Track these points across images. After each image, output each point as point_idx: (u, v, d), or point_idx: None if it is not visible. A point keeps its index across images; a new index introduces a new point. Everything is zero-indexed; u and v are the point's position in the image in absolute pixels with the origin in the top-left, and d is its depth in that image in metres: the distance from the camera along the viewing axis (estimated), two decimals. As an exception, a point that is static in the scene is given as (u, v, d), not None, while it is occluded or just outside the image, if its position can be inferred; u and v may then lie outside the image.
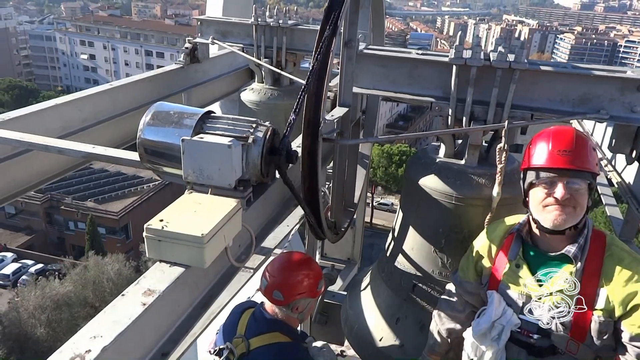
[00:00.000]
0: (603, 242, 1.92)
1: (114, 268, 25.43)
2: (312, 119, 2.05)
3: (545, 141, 1.91)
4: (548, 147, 1.88)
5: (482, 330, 2.04)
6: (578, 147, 1.85)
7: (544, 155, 1.89)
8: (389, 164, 35.49)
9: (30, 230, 36.92)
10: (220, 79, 4.57)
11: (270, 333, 2.20)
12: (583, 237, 1.90)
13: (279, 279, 2.18)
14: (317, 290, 2.26)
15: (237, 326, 2.26)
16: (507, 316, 1.99)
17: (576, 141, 1.86)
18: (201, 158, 1.75)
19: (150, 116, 1.93)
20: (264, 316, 2.24)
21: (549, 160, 1.87)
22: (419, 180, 2.56)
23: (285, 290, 2.17)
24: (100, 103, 3.31)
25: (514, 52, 2.27)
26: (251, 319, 2.26)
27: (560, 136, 1.89)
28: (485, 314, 2.05)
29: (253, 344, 2.16)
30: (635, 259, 1.86)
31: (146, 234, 1.54)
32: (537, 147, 1.93)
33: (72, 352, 1.20)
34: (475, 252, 2.19)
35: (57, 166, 3.06)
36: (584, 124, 3.70)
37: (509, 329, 1.98)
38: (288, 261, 2.27)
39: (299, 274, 2.20)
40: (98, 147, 2.31)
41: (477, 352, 2.11)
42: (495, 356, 2.05)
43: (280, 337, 2.19)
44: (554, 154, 1.86)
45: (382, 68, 2.55)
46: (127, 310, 1.35)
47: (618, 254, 1.87)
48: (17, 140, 2.37)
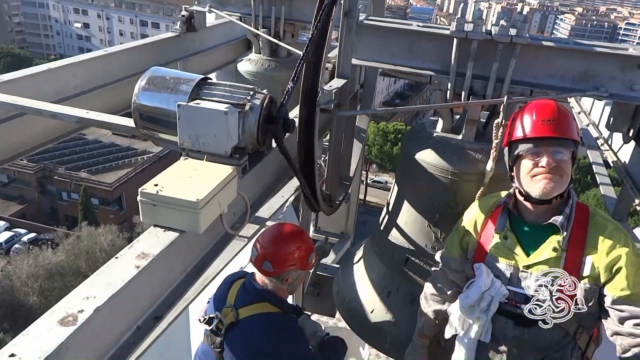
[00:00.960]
0: (586, 212, 1.96)
1: (107, 239, 25.53)
2: (310, 88, 2.03)
3: (528, 113, 1.95)
4: (532, 118, 1.93)
5: (470, 302, 2.06)
6: (560, 117, 1.90)
7: (528, 127, 1.93)
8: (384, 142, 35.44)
9: (23, 199, 36.83)
10: (216, 49, 4.49)
11: (259, 303, 2.21)
12: (569, 206, 1.94)
13: (269, 250, 2.19)
14: (307, 263, 2.27)
15: (227, 296, 2.28)
16: (496, 287, 2.01)
17: (558, 111, 1.91)
18: (197, 124, 1.73)
19: (146, 81, 1.90)
20: (253, 286, 2.26)
21: (533, 130, 1.91)
22: (416, 154, 2.55)
23: (275, 262, 2.17)
24: (94, 69, 3.25)
25: (516, 26, 2.24)
26: (241, 289, 2.28)
27: (542, 107, 1.94)
28: (474, 285, 2.07)
29: (242, 314, 2.18)
30: (617, 227, 1.91)
31: (140, 198, 1.53)
32: (520, 120, 1.97)
33: (64, 311, 1.20)
34: (462, 227, 2.21)
35: (50, 132, 3.02)
36: (582, 102, 3.69)
37: (497, 299, 2.01)
38: (279, 232, 2.27)
39: (289, 245, 2.20)
40: (92, 112, 2.28)
41: (464, 325, 2.14)
42: (483, 328, 2.08)
43: (269, 307, 2.21)
44: (538, 124, 1.90)
45: (382, 40, 2.52)
46: (121, 273, 1.34)
47: (601, 222, 1.92)
48: (9, 104, 2.33)
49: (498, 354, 2.10)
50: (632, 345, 1.78)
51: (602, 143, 3.15)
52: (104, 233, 26.01)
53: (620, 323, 1.83)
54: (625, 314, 1.81)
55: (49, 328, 1.16)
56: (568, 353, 2.03)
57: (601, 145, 3.16)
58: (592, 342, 2.09)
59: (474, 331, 2.10)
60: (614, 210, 2.96)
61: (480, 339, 2.10)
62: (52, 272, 23.84)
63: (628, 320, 1.81)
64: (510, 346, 2.06)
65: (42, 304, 22.40)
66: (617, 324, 1.83)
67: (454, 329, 2.18)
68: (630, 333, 1.79)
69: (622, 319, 1.82)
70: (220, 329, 2.16)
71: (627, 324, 1.80)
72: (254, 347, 2.14)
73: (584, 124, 3.54)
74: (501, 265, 2.02)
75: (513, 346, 2.06)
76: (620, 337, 1.83)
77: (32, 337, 1.14)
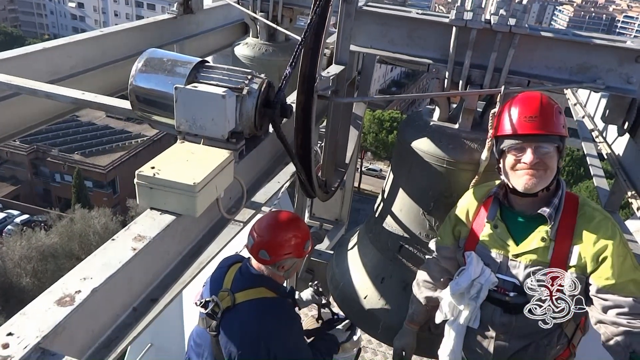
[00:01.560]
0: (576, 202, 1.99)
1: (100, 222, 25.45)
2: (308, 74, 2.02)
3: (513, 108, 1.97)
4: (515, 114, 1.95)
5: (460, 289, 2.10)
6: (544, 112, 1.90)
7: (512, 123, 1.95)
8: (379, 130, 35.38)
9: (16, 180, 36.59)
10: (214, 32, 4.45)
11: (255, 288, 2.23)
12: (557, 197, 1.96)
13: (265, 239, 2.19)
14: (304, 251, 2.28)
15: (223, 280, 2.29)
16: (486, 275, 2.05)
17: (542, 106, 1.91)
18: (194, 107, 1.72)
19: (143, 62, 1.88)
20: (250, 271, 2.27)
21: (516, 127, 1.93)
22: (412, 142, 2.56)
23: (271, 250, 2.18)
24: (90, 49, 3.22)
25: (516, 16, 2.23)
26: (237, 274, 2.29)
27: (526, 102, 1.95)
28: (464, 273, 2.10)
29: (238, 298, 2.20)
30: (605, 217, 1.94)
31: (137, 181, 1.53)
32: (505, 115, 1.99)
33: (62, 291, 1.21)
34: (454, 215, 2.24)
35: (44, 112, 3.00)
36: (578, 94, 3.70)
37: (487, 287, 2.05)
38: (276, 221, 2.27)
39: (286, 234, 2.21)
40: (88, 93, 2.26)
41: (454, 311, 2.18)
42: (472, 314, 2.12)
43: (265, 292, 2.23)
44: (521, 121, 1.92)
45: (381, 26, 2.50)
46: (118, 254, 1.35)
47: (590, 213, 1.95)
48: (3, 83, 2.31)
49: (486, 339, 2.15)
50: (614, 334, 1.82)
51: (596, 135, 3.17)
52: (98, 216, 25.92)
53: (603, 312, 1.86)
54: (609, 303, 1.84)
55: (46, 308, 1.17)
56: (554, 340, 2.08)
57: (596, 138, 3.18)
58: (579, 330, 2.13)
59: (463, 317, 2.14)
60: (607, 203, 2.99)
61: (469, 325, 2.15)
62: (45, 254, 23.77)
63: (611, 309, 1.84)
64: (498, 332, 2.10)
65: (35, 285, 22.39)
66: (600, 313, 1.87)
67: (444, 314, 2.22)
68: (613, 322, 1.82)
69: (606, 308, 1.85)
70: (217, 313, 2.18)
71: (611, 313, 1.84)
72: (250, 331, 2.16)
73: (580, 116, 3.56)
74: (491, 254, 2.06)
75: (501, 332, 2.10)
76: (604, 325, 1.86)
77: (30, 316, 1.15)
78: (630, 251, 1.91)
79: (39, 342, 1.10)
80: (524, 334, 2.07)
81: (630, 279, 1.83)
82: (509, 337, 2.10)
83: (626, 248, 1.90)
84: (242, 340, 2.15)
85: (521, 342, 2.09)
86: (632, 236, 2.79)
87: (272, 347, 2.14)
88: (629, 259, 1.87)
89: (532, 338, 2.08)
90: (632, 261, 1.88)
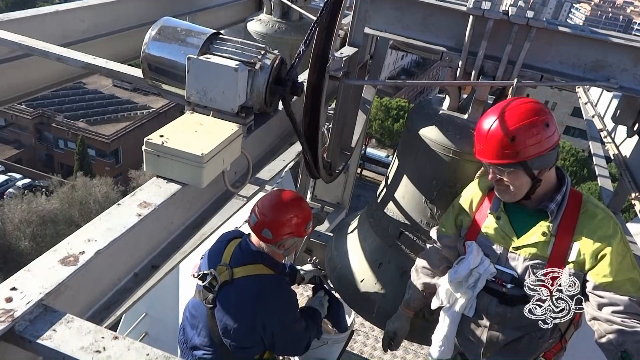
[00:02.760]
0: (579, 199, 2.00)
1: (101, 190, 25.52)
2: (321, 53, 2.00)
3: (476, 130, 2.00)
4: (475, 137, 1.99)
5: (459, 278, 2.12)
6: (489, 143, 1.91)
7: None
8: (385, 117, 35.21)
9: (19, 144, 36.61)
10: (227, 6, 4.41)
11: (254, 265, 2.25)
12: (561, 194, 1.97)
13: (269, 218, 2.20)
14: (304, 231, 2.29)
15: (222, 254, 2.30)
16: (485, 265, 2.06)
17: (488, 136, 1.90)
18: (206, 79, 1.72)
19: (157, 30, 1.88)
20: (249, 247, 2.29)
21: (475, 150, 2.00)
22: (420, 130, 2.55)
23: (274, 229, 2.19)
24: (102, 15, 3.20)
25: (534, 8, 2.21)
26: (237, 249, 2.31)
27: (480, 129, 1.96)
28: (463, 262, 2.12)
29: (236, 273, 2.22)
30: (607, 215, 1.94)
31: (145, 148, 1.53)
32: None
33: (66, 251, 1.23)
34: (458, 205, 2.25)
35: (53, 75, 2.99)
36: (590, 93, 3.68)
37: (485, 277, 2.06)
38: (280, 200, 2.28)
39: (289, 213, 2.22)
40: (99, 58, 2.25)
41: (451, 298, 2.20)
42: (468, 303, 2.14)
43: (263, 269, 2.25)
44: (476, 146, 1.98)
45: (396, 11, 2.48)
46: (122, 219, 1.36)
47: (592, 210, 1.95)
48: (16, 43, 2.30)
49: (479, 328, 2.17)
50: (608, 331, 1.83)
51: (605, 135, 3.16)
52: (99, 184, 25.98)
53: (598, 309, 1.87)
54: (604, 300, 1.85)
55: (50, 266, 1.18)
56: (547, 333, 2.10)
57: (604, 138, 3.16)
58: (572, 326, 2.15)
59: (459, 305, 2.16)
60: (609, 203, 2.99)
61: (464, 313, 2.17)
62: (45, 219, 23.89)
63: (607, 307, 1.85)
64: (492, 322, 2.13)
65: (34, 249, 22.56)
66: (595, 310, 1.88)
67: (440, 300, 2.24)
68: (608, 319, 1.83)
69: (601, 305, 1.86)
70: (214, 286, 2.20)
71: (605, 310, 1.85)
72: (246, 306, 2.18)
73: (589, 115, 3.54)
74: (492, 244, 2.07)
75: (495, 323, 2.12)
76: (598, 322, 1.87)
77: (34, 273, 1.17)
78: (630, 250, 1.92)
79: (41, 298, 1.12)
80: (517, 326, 2.09)
81: (627, 277, 1.84)
82: (503, 327, 2.12)
83: (626, 247, 1.90)
84: (238, 314, 2.18)
85: (515, 334, 2.12)
86: (633, 238, 2.80)
87: (268, 323, 2.17)
88: (628, 258, 1.88)
89: (526, 330, 2.10)
90: (631, 260, 1.89)
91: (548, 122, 1.85)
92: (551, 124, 1.86)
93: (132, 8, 3.44)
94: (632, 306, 1.81)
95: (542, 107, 1.91)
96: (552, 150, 1.88)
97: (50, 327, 1.09)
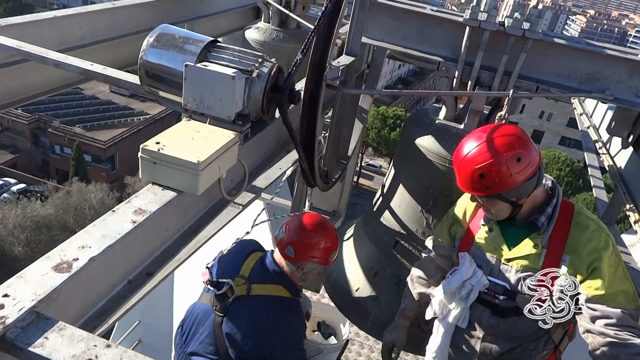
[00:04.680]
0: (571, 211, 1.99)
1: (97, 196, 25.43)
2: (319, 62, 2.01)
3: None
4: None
5: (452, 289, 2.12)
6: (461, 174, 1.94)
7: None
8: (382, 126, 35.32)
9: (15, 149, 36.49)
10: (225, 14, 4.43)
11: (274, 284, 2.22)
12: (551, 206, 1.97)
13: (296, 237, 2.19)
14: (328, 260, 2.26)
15: (241, 266, 2.25)
16: (477, 277, 2.06)
17: (461, 168, 1.93)
18: (203, 86, 1.72)
19: (154, 37, 1.88)
20: (272, 266, 2.25)
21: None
22: (416, 139, 2.56)
23: (298, 249, 2.18)
24: (100, 22, 3.20)
25: (530, 20, 2.23)
26: (258, 264, 2.27)
27: (454, 158, 1.99)
28: (456, 273, 2.12)
29: (254, 290, 2.18)
30: (599, 227, 1.93)
31: (141, 155, 1.53)
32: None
33: (59, 258, 1.22)
34: (452, 215, 2.26)
35: (50, 81, 2.99)
36: (585, 104, 3.70)
37: (477, 289, 2.06)
38: (310, 221, 2.26)
39: (316, 236, 2.20)
40: (96, 65, 2.25)
41: (444, 309, 2.20)
42: (461, 314, 2.14)
43: (282, 291, 2.22)
44: (456, 174, 1.99)
45: (394, 21, 2.50)
46: (117, 226, 1.35)
47: (584, 222, 1.95)
48: (13, 48, 2.30)
49: (473, 339, 2.17)
50: (601, 344, 1.83)
51: (600, 146, 3.17)
52: (94, 190, 25.88)
53: (592, 321, 1.87)
54: (597, 313, 1.85)
55: (43, 273, 1.17)
56: (541, 345, 2.10)
57: (599, 149, 3.18)
58: (566, 337, 2.15)
59: (452, 316, 2.16)
60: (604, 214, 3.00)
61: (457, 324, 2.16)
62: (40, 224, 23.76)
63: (599, 320, 1.85)
64: (486, 333, 2.12)
65: (28, 255, 22.41)
66: (589, 322, 1.88)
67: (434, 311, 2.24)
68: (601, 332, 1.83)
69: (594, 318, 1.86)
70: (229, 297, 2.15)
71: (599, 323, 1.85)
72: (259, 325, 2.14)
73: (585, 126, 3.56)
74: (484, 256, 2.08)
75: (488, 334, 2.12)
76: (592, 335, 1.87)
77: (26, 280, 1.16)
78: (622, 262, 1.92)
79: (34, 305, 1.11)
80: (511, 337, 2.09)
81: (620, 290, 1.84)
82: (496, 339, 2.12)
83: (618, 258, 1.91)
84: (249, 331, 2.13)
85: (508, 345, 2.11)
86: (628, 250, 2.80)
87: (277, 346, 2.13)
88: (621, 269, 1.88)
89: (519, 342, 2.10)
90: (623, 272, 1.89)
91: (520, 156, 1.82)
92: (525, 157, 1.83)
93: (130, 15, 3.44)
94: (624, 318, 1.81)
95: (516, 139, 1.86)
96: (528, 181, 1.87)
97: (42, 334, 1.08)
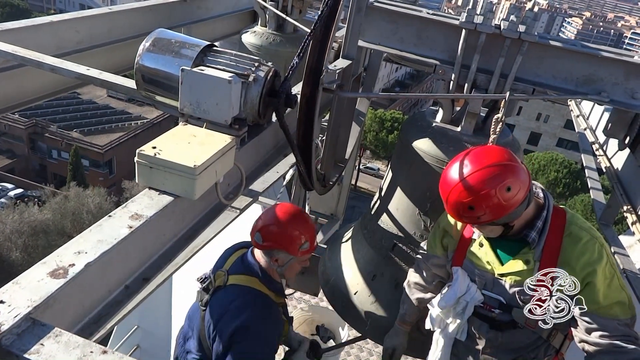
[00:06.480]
0: (563, 221, 1.94)
1: (94, 201, 25.39)
2: (315, 66, 2.01)
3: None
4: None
5: (447, 306, 2.11)
6: (450, 206, 1.91)
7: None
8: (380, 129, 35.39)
9: (12, 154, 36.41)
10: (222, 18, 4.44)
11: (248, 276, 2.22)
12: (541, 219, 1.92)
13: (263, 223, 2.19)
14: (298, 249, 2.21)
15: (226, 261, 2.31)
16: (471, 292, 2.05)
17: (449, 200, 1.90)
18: (199, 91, 1.72)
19: (151, 42, 1.88)
20: (249, 259, 2.27)
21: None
22: (413, 142, 2.56)
23: (265, 235, 2.16)
24: (97, 26, 3.21)
25: (526, 23, 2.23)
26: (239, 258, 2.30)
27: (441, 188, 1.96)
28: (450, 290, 2.10)
29: (230, 280, 2.20)
30: (592, 237, 1.89)
31: (138, 160, 1.52)
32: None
33: (55, 264, 1.21)
34: (441, 228, 2.23)
35: (47, 86, 2.99)
36: (582, 106, 3.71)
37: (472, 304, 2.05)
38: (281, 210, 2.24)
39: (286, 225, 2.18)
40: (93, 69, 2.26)
41: (441, 324, 2.19)
42: (459, 328, 2.13)
43: (256, 283, 2.21)
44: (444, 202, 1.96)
45: (390, 24, 2.50)
46: (114, 231, 1.35)
47: (576, 232, 1.90)
48: (10, 53, 2.30)
49: (473, 351, 2.16)
50: (597, 352, 1.83)
51: (597, 148, 3.18)
52: (92, 195, 25.84)
53: (587, 333, 1.86)
54: (592, 326, 1.84)
55: (39, 279, 1.17)
56: (541, 353, 2.09)
57: (596, 151, 3.19)
58: (567, 340, 2.14)
59: (450, 329, 2.15)
60: (602, 216, 3.01)
61: (456, 337, 2.15)
62: (37, 229, 23.69)
63: (595, 332, 1.84)
64: (485, 346, 2.11)
65: (25, 260, 22.33)
66: (584, 334, 1.87)
67: (431, 326, 2.23)
68: (596, 343, 1.83)
69: (590, 330, 1.85)
70: (209, 290, 2.19)
71: (594, 335, 1.84)
72: (227, 314, 2.13)
73: (581, 128, 3.57)
74: (477, 271, 2.06)
75: (487, 346, 2.11)
76: (587, 344, 1.87)
77: (22, 286, 1.15)
78: (617, 271, 1.89)
79: (29, 312, 1.10)
80: (510, 349, 2.08)
81: (615, 301, 1.83)
82: (496, 350, 2.10)
83: (613, 268, 1.88)
84: (218, 319, 2.13)
85: (508, 356, 2.10)
86: (625, 251, 2.80)
87: (237, 333, 2.07)
88: (616, 279, 1.86)
89: (519, 352, 2.09)
90: (618, 282, 1.87)
91: (510, 185, 1.77)
92: (514, 185, 1.78)
93: (126, 19, 3.45)
94: (619, 329, 1.81)
95: (504, 168, 1.81)
96: (518, 207, 1.83)
97: (37, 341, 1.08)
